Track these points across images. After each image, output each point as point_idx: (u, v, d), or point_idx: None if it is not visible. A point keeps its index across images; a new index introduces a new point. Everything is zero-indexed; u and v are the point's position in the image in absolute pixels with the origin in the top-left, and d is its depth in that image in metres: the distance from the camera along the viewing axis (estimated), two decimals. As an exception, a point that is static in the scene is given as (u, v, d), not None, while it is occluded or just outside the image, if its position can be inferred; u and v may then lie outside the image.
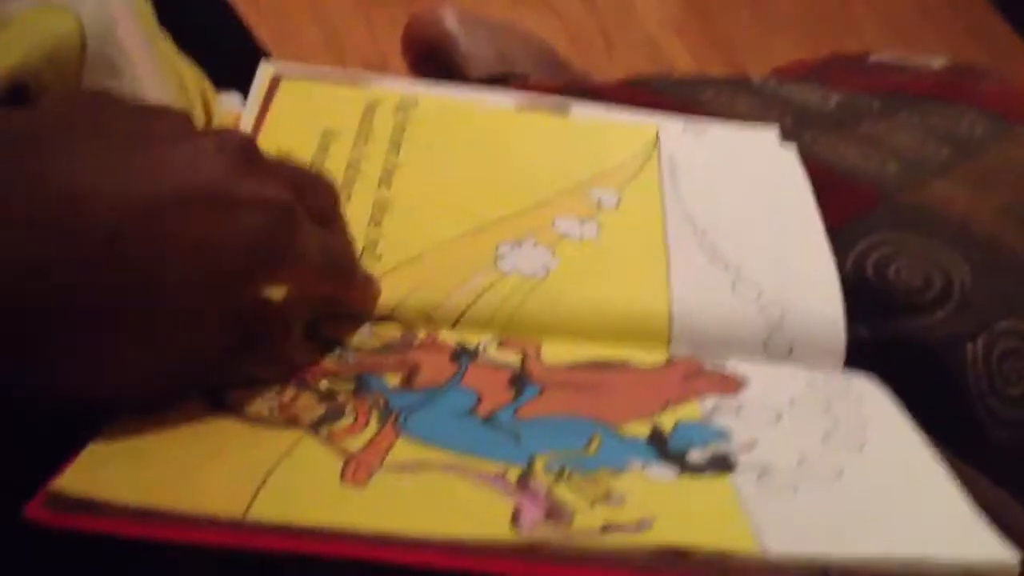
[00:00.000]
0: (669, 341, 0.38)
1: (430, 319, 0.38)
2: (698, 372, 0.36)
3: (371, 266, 0.39)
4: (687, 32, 1.44)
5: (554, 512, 0.26)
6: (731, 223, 0.42)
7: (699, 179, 0.45)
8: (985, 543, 0.26)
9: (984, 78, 0.75)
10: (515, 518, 0.26)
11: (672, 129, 0.48)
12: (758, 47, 1.43)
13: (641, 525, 0.26)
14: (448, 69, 0.84)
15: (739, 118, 0.53)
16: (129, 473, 0.27)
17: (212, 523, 0.25)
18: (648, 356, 0.37)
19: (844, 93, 0.65)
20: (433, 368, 0.34)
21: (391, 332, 0.37)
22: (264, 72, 0.46)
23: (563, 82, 0.68)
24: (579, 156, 0.46)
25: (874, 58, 0.79)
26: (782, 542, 0.25)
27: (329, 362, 0.34)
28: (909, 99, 0.65)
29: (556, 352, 0.36)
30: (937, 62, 0.83)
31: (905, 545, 0.25)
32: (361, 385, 0.33)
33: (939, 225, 0.47)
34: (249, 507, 0.25)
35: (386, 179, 0.43)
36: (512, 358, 0.36)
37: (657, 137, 0.47)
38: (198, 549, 0.25)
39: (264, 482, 0.27)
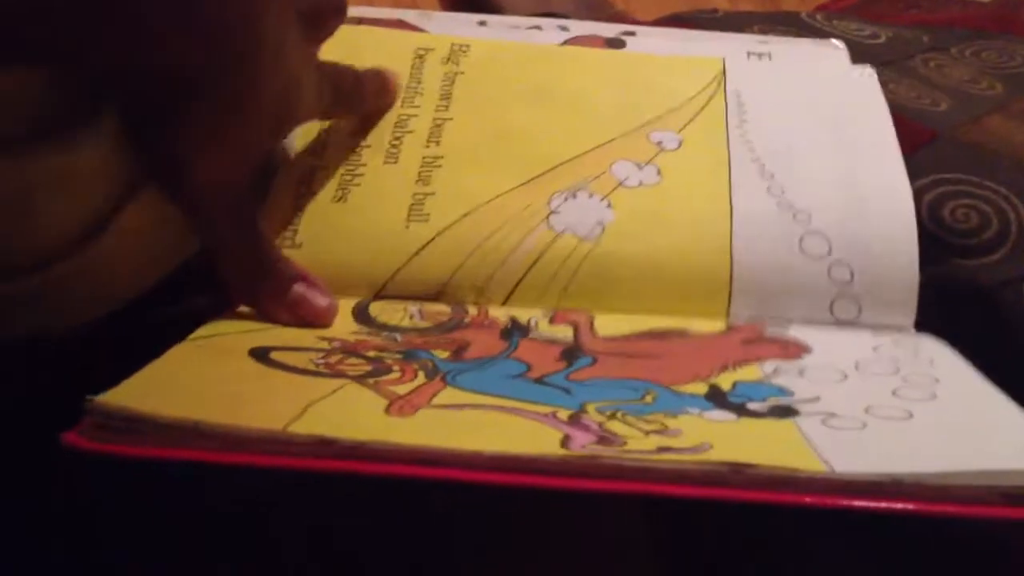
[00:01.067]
0: (729, 302, 0.37)
1: (481, 293, 0.37)
2: (759, 339, 0.35)
3: (417, 230, 0.38)
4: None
5: (607, 439, 0.26)
6: (802, 162, 0.40)
7: (768, 112, 0.42)
8: None
9: (1038, 11, 0.72)
10: (565, 442, 0.25)
11: (736, 57, 0.46)
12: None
13: (699, 448, 0.25)
14: (485, 10, 0.83)
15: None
16: (171, 396, 0.27)
17: (252, 440, 0.24)
18: (706, 324, 0.36)
19: (893, 28, 0.63)
20: (483, 345, 0.34)
21: (441, 310, 0.37)
22: None
23: (605, 20, 0.67)
24: (640, 95, 0.43)
25: (922, -9, 0.77)
26: (848, 464, 0.24)
27: (377, 339, 0.34)
28: (960, 33, 0.63)
29: (610, 325, 0.36)
30: (988, -5, 0.81)
31: (979, 462, 0.24)
32: (409, 355, 0.33)
33: (994, 163, 0.45)
34: (288, 425, 0.25)
35: (435, 135, 0.41)
36: (564, 332, 0.35)
37: (723, 71, 0.44)
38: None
39: (307, 408, 0.26)
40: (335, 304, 0.36)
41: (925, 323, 0.37)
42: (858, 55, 0.57)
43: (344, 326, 0.35)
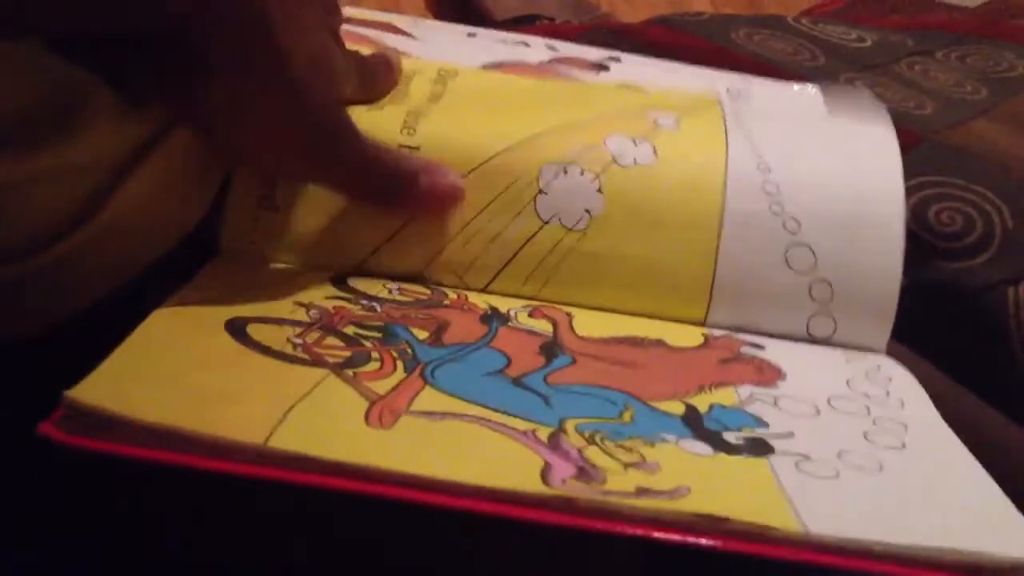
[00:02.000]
0: (709, 306, 0.36)
1: (461, 278, 0.37)
2: (735, 358, 0.35)
3: None
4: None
5: (586, 472, 0.25)
6: (800, 160, 0.39)
7: (768, 117, 0.41)
8: None
9: (1022, 16, 0.73)
10: (545, 473, 0.25)
11: (720, 87, 0.45)
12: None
13: (676, 492, 0.25)
14: (472, 10, 0.83)
15: (773, 58, 0.52)
16: (149, 392, 0.26)
17: (232, 450, 0.24)
18: (684, 333, 0.36)
19: (878, 32, 0.63)
20: (462, 327, 0.33)
21: (420, 290, 0.36)
22: None
23: (590, 22, 0.67)
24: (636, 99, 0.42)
25: (907, -4, 0.78)
26: (821, 522, 0.24)
27: (356, 309, 0.34)
28: (945, 38, 0.63)
29: (589, 325, 0.35)
30: (972, 0, 0.81)
31: (947, 537, 0.24)
32: (388, 334, 0.32)
33: (979, 167, 0.46)
34: (269, 437, 0.24)
35: (409, 126, 0.40)
36: (543, 327, 0.35)
37: (720, 101, 0.43)
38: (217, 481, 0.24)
39: (286, 415, 0.26)
40: (461, 181, 0.36)
41: (909, 325, 0.37)
42: (844, 58, 0.57)
43: (321, 291, 0.35)
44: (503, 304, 0.36)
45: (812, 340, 0.36)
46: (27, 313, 0.31)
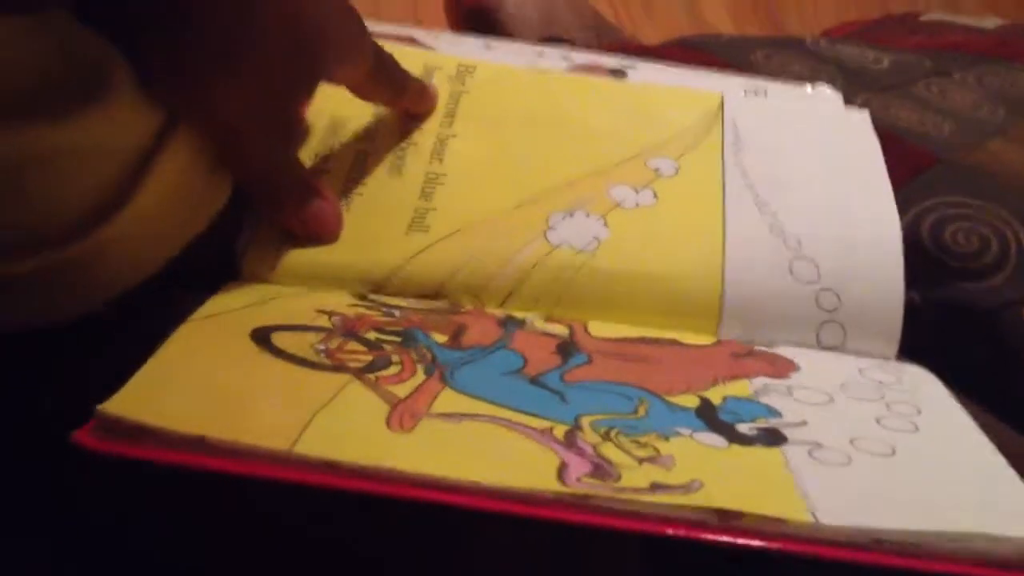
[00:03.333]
0: (719, 321, 0.37)
1: (476, 298, 0.38)
2: (748, 353, 0.35)
3: (418, 238, 0.39)
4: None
5: (601, 469, 0.26)
6: (795, 191, 0.41)
7: (763, 146, 0.43)
8: None
9: (1040, 37, 0.73)
10: (561, 471, 0.26)
11: (733, 92, 0.47)
12: (800, 9, 1.40)
13: (690, 487, 0.26)
14: (492, 32, 0.84)
15: (792, 79, 0.53)
16: (179, 402, 0.27)
17: (259, 456, 0.25)
18: (696, 337, 0.36)
19: (896, 53, 0.64)
20: (480, 330, 0.34)
21: (438, 305, 0.37)
22: None
23: (610, 44, 0.67)
24: (640, 124, 0.44)
25: (924, 18, 0.78)
26: (833, 512, 0.25)
27: (376, 315, 0.35)
28: (963, 59, 0.64)
29: (603, 329, 0.36)
30: (990, 22, 0.82)
31: (959, 521, 0.25)
32: (408, 338, 0.33)
33: (996, 187, 0.46)
34: (295, 443, 0.25)
35: (439, 151, 0.42)
36: (559, 330, 0.36)
37: (722, 105, 0.45)
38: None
39: (311, 420, 0.27)
40: (341, 222, 0.39)
41: (925, 345, 0.38)
42: (861, 80, 0.58)
43: (343, 299, 0.36)
44: (520, 314, 0.37)
45: (823, 349, 0.37)
46: (47, 306, 0.31)
